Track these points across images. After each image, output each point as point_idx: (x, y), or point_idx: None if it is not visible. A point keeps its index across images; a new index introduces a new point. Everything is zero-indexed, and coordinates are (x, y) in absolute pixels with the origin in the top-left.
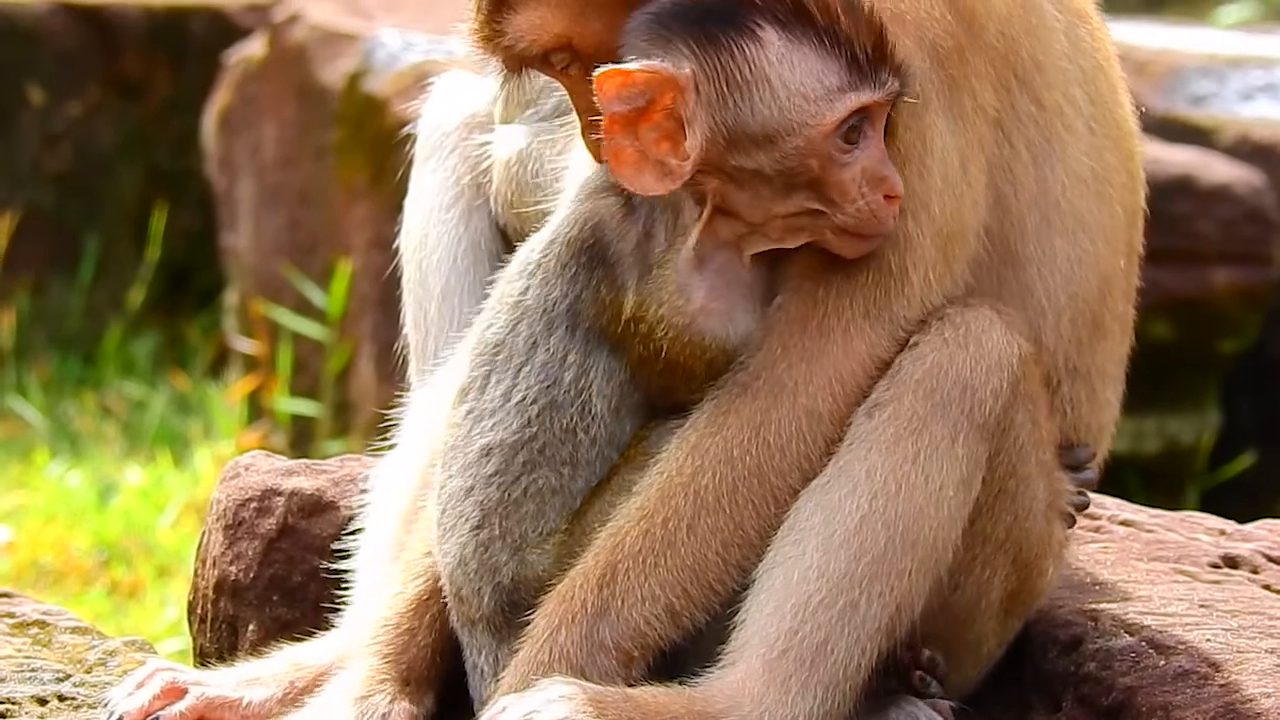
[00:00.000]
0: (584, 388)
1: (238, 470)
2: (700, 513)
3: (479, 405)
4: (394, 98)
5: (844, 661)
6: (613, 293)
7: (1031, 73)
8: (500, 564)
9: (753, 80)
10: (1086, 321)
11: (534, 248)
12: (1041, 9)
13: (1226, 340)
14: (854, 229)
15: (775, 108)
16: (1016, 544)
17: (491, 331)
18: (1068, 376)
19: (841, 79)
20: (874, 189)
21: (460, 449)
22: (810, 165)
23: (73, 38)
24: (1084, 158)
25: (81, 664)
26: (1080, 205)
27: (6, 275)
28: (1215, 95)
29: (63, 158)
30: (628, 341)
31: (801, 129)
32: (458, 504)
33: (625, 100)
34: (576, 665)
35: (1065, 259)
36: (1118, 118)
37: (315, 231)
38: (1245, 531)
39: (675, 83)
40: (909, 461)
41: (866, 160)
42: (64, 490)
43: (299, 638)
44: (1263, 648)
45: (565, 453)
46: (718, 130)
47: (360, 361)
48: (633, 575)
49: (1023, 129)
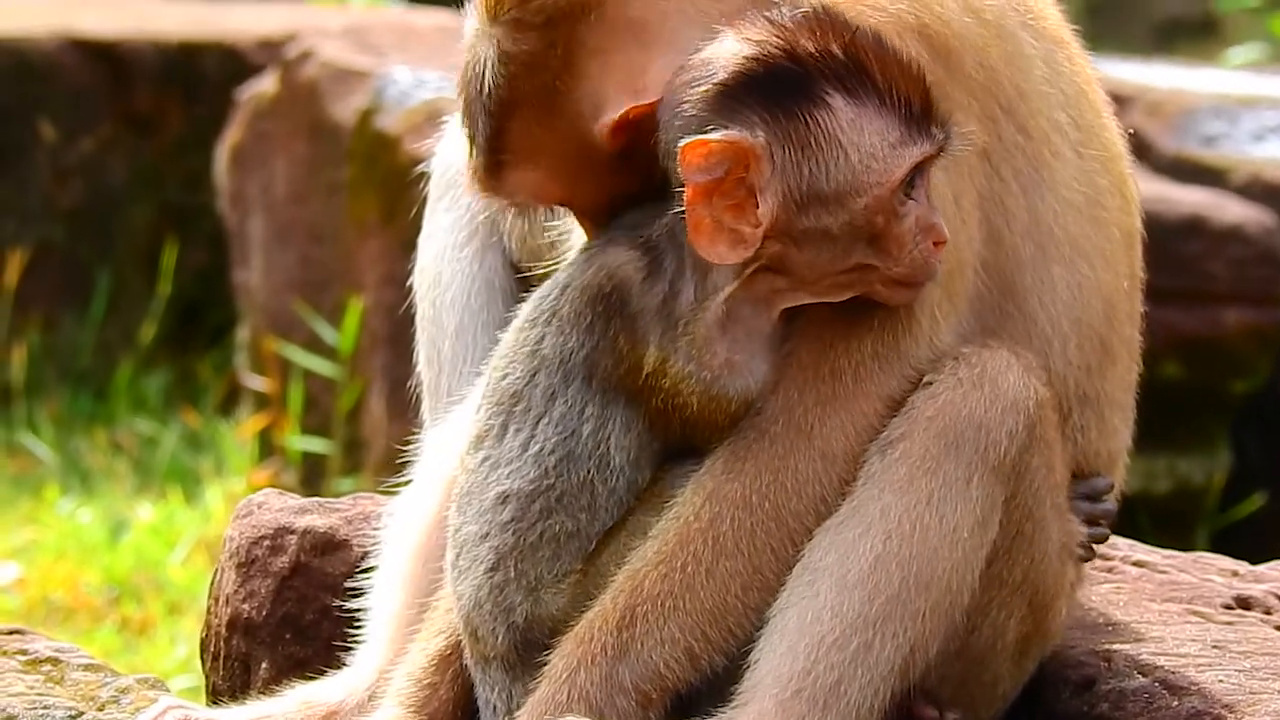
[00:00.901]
0: (602, 439)
1: (251, 508)
2: (719, 557)
3: (496, 453)
4: (406, 135)
5: (857, 702)
6: (632, 346)
7: (1015, 101)
8: (514, 604)
9: (826, 146)
10: (1094, 347)
11: (549, 293)
12: (1017, 37)
13: (1237, 381)
14: (906, 278)
15: (848, 169)
16: (1033, 586)
17: (508, 381)
18: (1077, 404)
19: (901, 135)
20: (925, 237)
21: (476, 495)
22: (876, 221)
23: (85, 74)
24: (1074, 183)
25: (94, 701)
26: (1075, 231)
27: (18, 311)
28: (1227, 136)
29: (74, 194)
30: (647, 394)
31: (873, 188)
32: (473, 548)
33: (706, 171)
34: (596, 706)
35: (1065, 285)
36: (1104, 141)
37: (327, 268)
38: (1258, 572)
39: (753, 152)
40: (923, 502)
41: (919, 210)
42: (75, 527)
43: (311, 675)
44: (1275, 689)
45: (583, 501)
46: (790, 196)
47: (371, 399)
48: (652, 618)
49: (1010, 159)
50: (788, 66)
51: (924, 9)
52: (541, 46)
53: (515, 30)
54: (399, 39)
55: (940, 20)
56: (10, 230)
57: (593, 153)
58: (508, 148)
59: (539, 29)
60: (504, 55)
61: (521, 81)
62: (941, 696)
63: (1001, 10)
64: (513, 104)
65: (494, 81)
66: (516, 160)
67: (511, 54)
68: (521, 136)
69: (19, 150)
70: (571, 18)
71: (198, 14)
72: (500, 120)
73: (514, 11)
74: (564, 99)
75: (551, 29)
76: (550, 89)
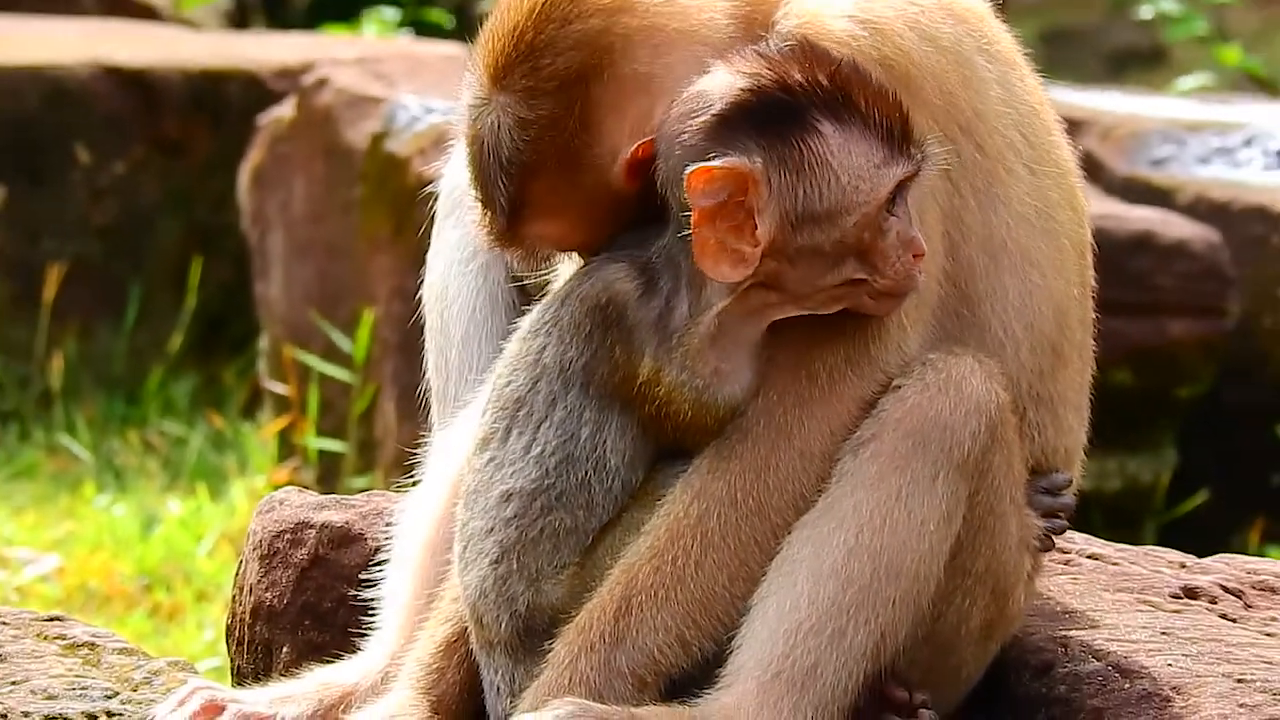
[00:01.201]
0: (599, 443)
1: (272, 504)
2: (707, 551)
3: (500, 454)
4: (414, 157)
5: (832, 684)
6: (628, 356)
7: (973, 122)
8: (517, 594)
9: (818, 169)
10: (1046, 350)
11: (550, 306)
12: (973, 62)
13: (1184, 387)
14: (890, 290)
15: (839, 190)
16: (994, 576)
17: (511, 388)
18: (1031, 403)
19: (885, 156)
20: (906, 250)
21: (481, 493)
22: (863, 237)
23: (118, 101)
24: (1027, 198)
25: (128, 682)
26: (1026, 242)
27: (56, 322)
28: (1174, 158)
29: (108, 212)
30: (641, 401)
31: (860, 206)
32: (478, 542)
33: (710, 195)
34: (595, 690)
35: (1017, 293)
36: (1056, 158)
37: (341, 282)
38: (1204, 564)
39: (751, 177)
40: (892, 497)
41: (899, 226)
42: (110, 521)
43: (329, 660)
44: (1220, 672)
45: (581, 499)
46: (786, 217)
47: (383, 402)
48: (646, 608)
49: (968, 176)
50: (780, 96)
51: (885, 42)
52: (559, 110)
53: (530, 97)
54: (408, 68)
55: (900, 51)
56: (49, 246)
57: (611, 197)
58: (528, 205)
59: (553, 94)
60: (521, 122)
61: (542, 145)
62: (911, 679)
63: (958, 37)
64: (534, 166)
65: (513, 147)
66: (536, 215)
67: (529, 120)
68: (543, 194)
69: (57, 172)
70: (584, 80)
71: (222, 45)
72: (521, 182)
73: (525, 80)
74: (583, 154)
75: (565, 92)
76: (569, 148)
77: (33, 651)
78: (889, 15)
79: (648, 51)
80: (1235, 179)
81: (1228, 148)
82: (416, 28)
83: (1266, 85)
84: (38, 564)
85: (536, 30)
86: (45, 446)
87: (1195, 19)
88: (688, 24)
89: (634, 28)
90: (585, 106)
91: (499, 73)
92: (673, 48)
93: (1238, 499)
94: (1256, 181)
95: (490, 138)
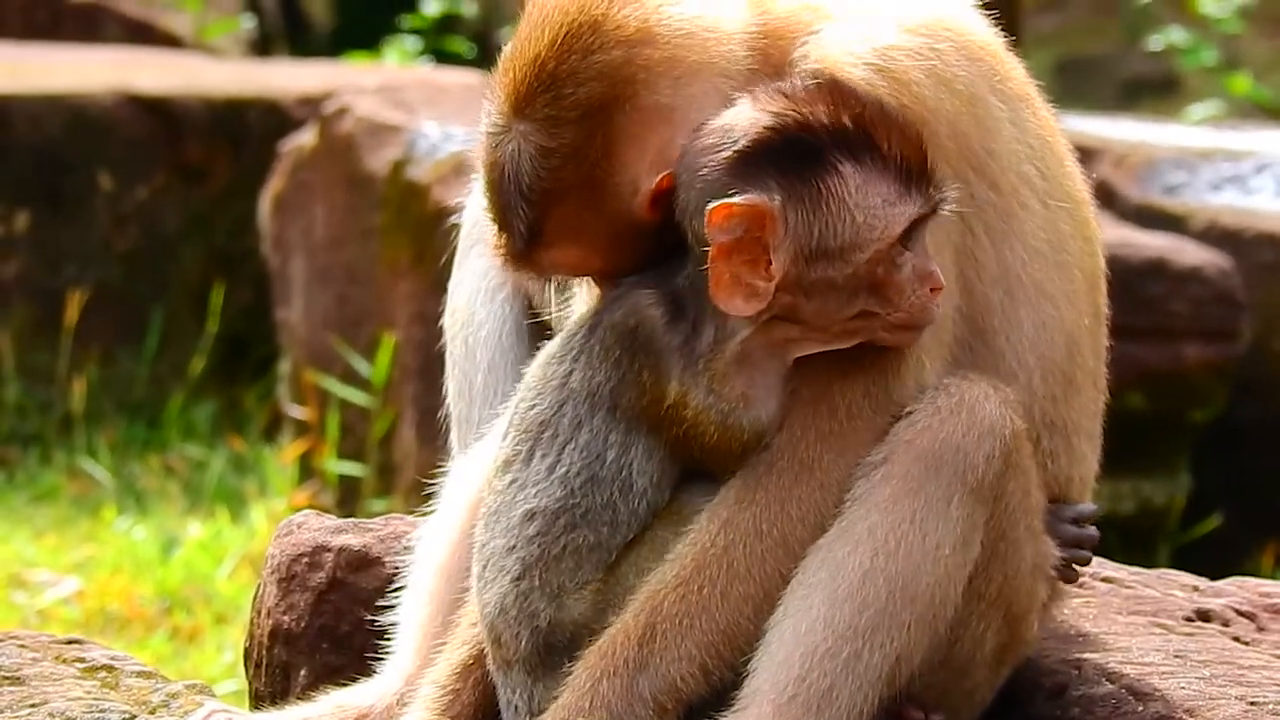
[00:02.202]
0: (625, 465)
1: (291, 528)
2: (733, 582)
3: (523, 476)
4: (434, 185)
5: (848, 707)
6: (655, 380)
7: (986, 161)
8: (539, 610)
9: (835, 208)
10: (1058, 379)
11: (576, 332)
12: (986, 102)
13: (1197, 410)
14: (906, 322)
15: (854, 228)
16: (1007, 600)
17: (536, 411)
18: (1045, 430)
19: (900, 195)
20: (923, 284)
21: (503, 513)
22: (877, 272)
23: (140, 128)
24: (1040, 231)
25: (146, 705)
26: (1040, 276)
27: (78, 346)
28: (1187, 185)
29: (130, 238)
30: (668, 424)
31: (873, 243)
32: (500, 560)
33: (727, 231)
34: (616, 714)
35: (1030, 325)
36: (1068, 189)
37: (362, 307)
38: (1216, 588)
39: (770, 214)
40: (907, 520)
41: (916, 260)
42: (130, 543)
43: (346, 682)
44: (1233, 695)
45: (606, 517)
46: (800, 252)
47: (403, 427)
48: (670, 636)
49: (982, 215)
50: (802, 136)
51: (902, 89)
52: (581, 139)
53: (552, 126)
54: (428, 96)
55: (916, 99)
56: (71, 272)
57: (632, 226)
58: (547, 232)
59: (575, 123)
60: (543, 150)
61: (564, 173)
62: (927, 701)
63: (972, 79)
64: (556, 194)
65: (535, 175)
66: (556, 241)
67: (551, 148)
68: (564, 221)
69: (79, 198)
70: (606, 109)
71: (243, 73)
72: (542, 209)
73: (548, 109)
74: (604, 183)
75: (588, 121)
76: (591, 177)
77: (51, 674)
78: (905, 63)
79: (669, 83)
80: (1247, 206)
81: (1239, 175)
82: (437, 56)
83: (1277, 113)
84: (58, 587)
85: (559, 60)
86: (66, 470)
87: (1206, 49)
88: (708, 56)
89: (655, 59)
90: (607, 136)
91: (520, 101)
92: (694, 79)
93: (1251, 522)
94: (1267, 209)
95: (511, 165)
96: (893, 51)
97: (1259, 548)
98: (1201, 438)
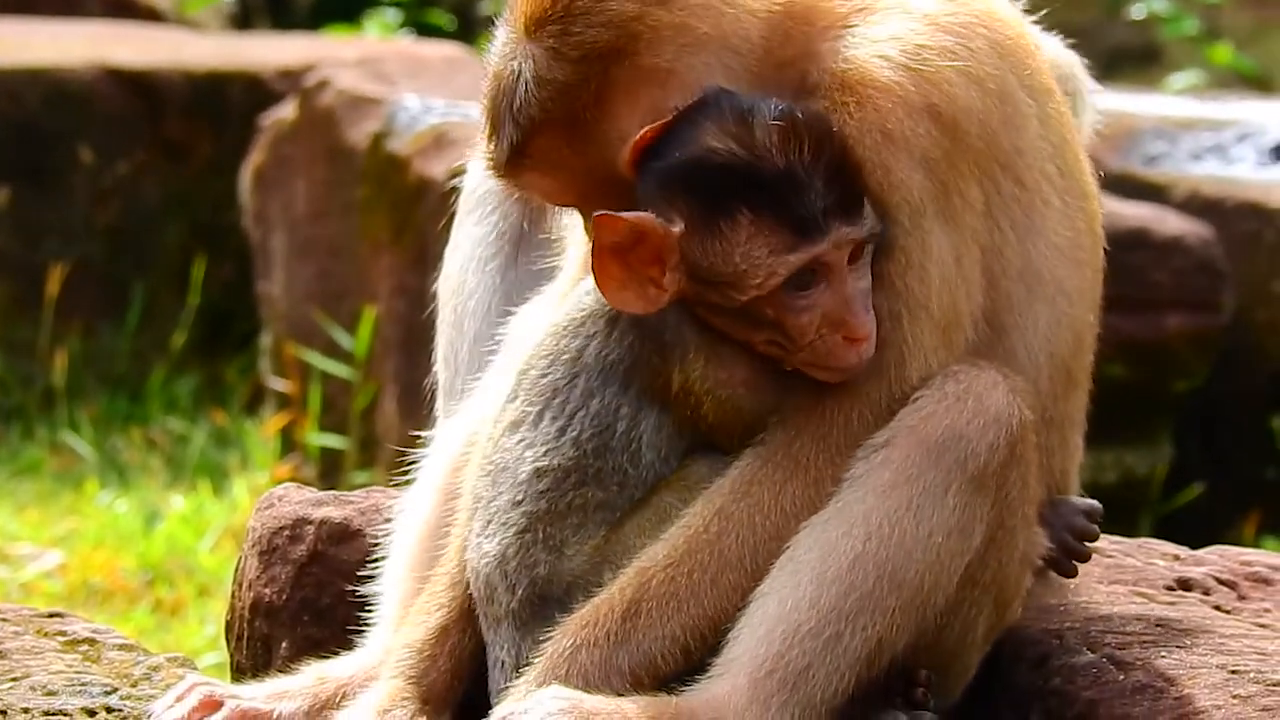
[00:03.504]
0: (635, 437)
1: (272, 501)
2: (724, 570)
3: (532, 435)
4: (415, 157)
5: (823, 687)
6: (664, 364)
7: (1012, 158)
8: (539, 560)
9: (723, 250)
10: (1062, 376)
11: (592, 310)
12: (1015, 98)
13: (1178, 380)
14: (811, 364)
15: (734, 272)
16: (998, 586)
17: (549, 379)
18: (1045, 427)
19: (793, 240)
20: (833, 331)
21: (511, 470)
22: (765, 312)
23: (120, 103)
24: (1059, 227)
25: (128, 678)
26: (1060, 272)
27: (59, 320)
28: (1168, 155)
29: (111, 213)
30: (676, 404)
31: (751, 289)
32: (504, 514)
33: (614, 237)
34: (592, 684)
35: (1046, 323)
36: (1082, 184)
37: (343, 280)
38: (1197, 556)
39: (667, 236)
40: (902, 507)
41: (826, 305)
42: (112, 517)
43: (327, 655)
44: (1213, 664)
45: (615, 479)
46: (694, 274)
47: (384, 400)
48: (655, 614)
49: (1008, 211)
50: (724, 172)
51: (933, 89)
52: (575, 79)
53: (552, 58)
54: (409, 69)
55: (947, 98)
56: (53, 246)
57: (611, 176)
58: (529, 155)
59: (574, 62)
60: (538, 79)
61: (552, 105)
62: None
63: (1003, 76)
64: (542, 123)
65: (526, 99)
66: (535, 165)
67: (545, 79)
68: (545, 150)
69: (60, 173)
70: (606, 58)
71: (223, 47)
72: (527, 133)
73: (552, 41)
74: (590, 128)
75: (586, 65)
76: (579, 117)
77: (33, 648)
78: (938, 63)
79: (674, 48)
80: (1228, 176)
81: (1220, 145)
82: (417, 29)
83: (1258, 83)
84: (40, 560)
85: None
86: (48, 444)
87: (1187, 19)
88: (719, 30)
89: (665, 22)
90: (601, 84)
91: (531, 25)
92: (700, 49)
93: (1232, 492)
94: (1248, 178)
95: (509, 82)
96: (925, 52)
97: (1240, 517)
98: (1183, 408)
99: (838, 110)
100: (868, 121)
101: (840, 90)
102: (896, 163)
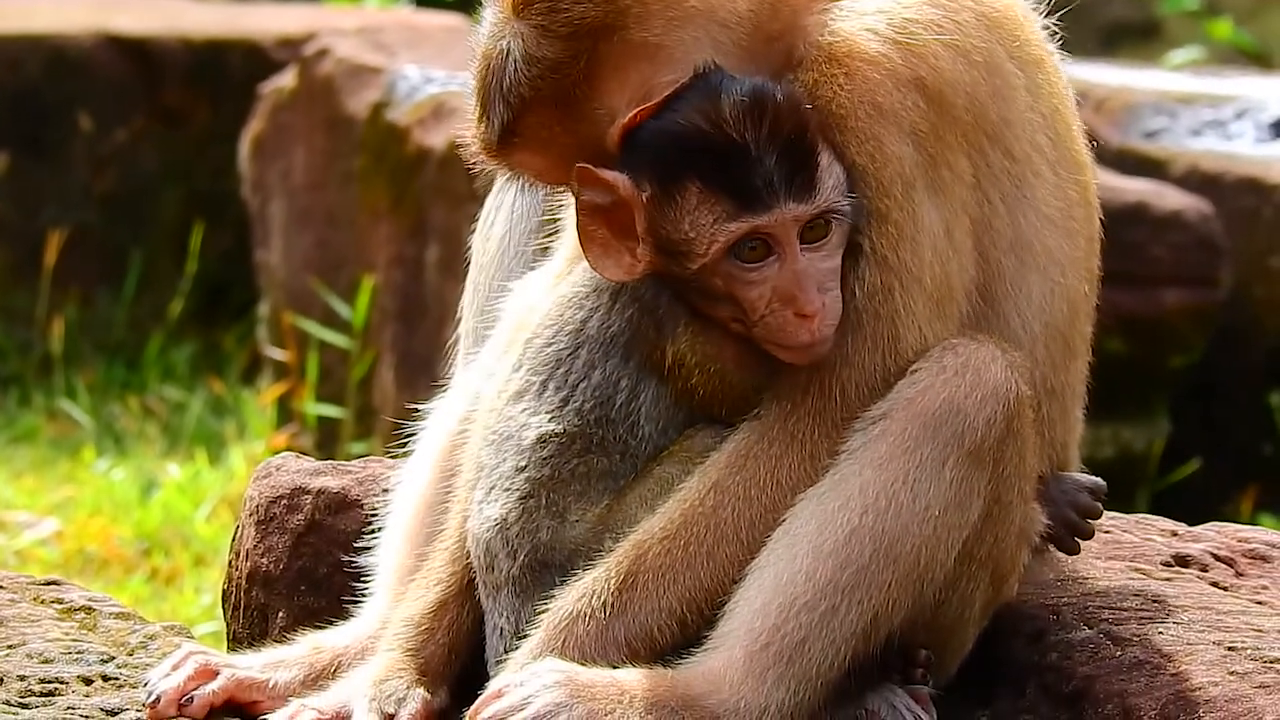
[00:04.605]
0: (634, 409)
1: (269, 470)
2: (720, 543)
3: (535, 404)
4: (414, 127)
5: (819, 660)
6: (658, 338)
7: (1001, 129)
8: (542, 525)
9: (674, 217)
10: (1059, 345)
11: (596, 285)
12: (1003, 69)
13: (1176, 356)
14: (766, 339)
15: (682, 237)
16: (995, 562)
17: (552, 350)
18: (1045, 396)
19: (735, 209)
20: (784, 306)
21: (515, 437)
22: (715, 283)
23: (119, 70)
24: (1051, 198)
25: (124, 647)
26: (1050, 242)
27: (57, 288)
28: (1167, 130)
29: (110, 181)
30: (670, 377)
31: (699, 256)
32: (508, 480)
33: (593, 194)
34: (588, 655)
35: (1039, 293)
36: (1074, 153)
37: (341, 250)
38: (1195, 533)
39: (634, 199)
40: (899, 480)
41: (776, 280)
42: (109, 485)
43: (324, 624)
44: (1210, 640)
45: (618, 449)
46: (658, 245)
47: (381, 369)
48: (652, 586)
49: (998, 183)
50: (685, 143)
51: (920, 61)
52: (565, 56)
53: (541, 35)
54: (408, 38)
55: (934, 71)
56: (50, 214)
57: (602, 153)
58: (520, 134)
59: (563, 39)
60: (528, 57)
61: (542, 83)
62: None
63: (990, 48)
64: (531, 101)
65: (516, 78)
66: (526, 144)
67: (536, 57)
68: (535, 128)
69: (59, 141)
70: (595, 34)
71: (223, 14)
72: (517, 111)
73: (541, 18)
74: (580, 105)
75: (575, 41)
76: (568, 95)
77: (29, 615)
78: (924, 36)
79: (663, 23)
80: (1227, 151)
81: (1219, 120)
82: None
83: (1257, 59)
84: (36, 528)
85: None
86: (45, 411)
87: None
88: (707, 4)
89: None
90: (591, 60)
91: (520, 2)
92: (689, 23)
93: (1230, 467)
94: (1248, 154)
95: (498, 61)
96: (911, 26)
97: (1238, 493)
98: (1181, 383)
99: (827, 83)
100: (858, 94)
101: (828, 63)
102: (888, 135)
